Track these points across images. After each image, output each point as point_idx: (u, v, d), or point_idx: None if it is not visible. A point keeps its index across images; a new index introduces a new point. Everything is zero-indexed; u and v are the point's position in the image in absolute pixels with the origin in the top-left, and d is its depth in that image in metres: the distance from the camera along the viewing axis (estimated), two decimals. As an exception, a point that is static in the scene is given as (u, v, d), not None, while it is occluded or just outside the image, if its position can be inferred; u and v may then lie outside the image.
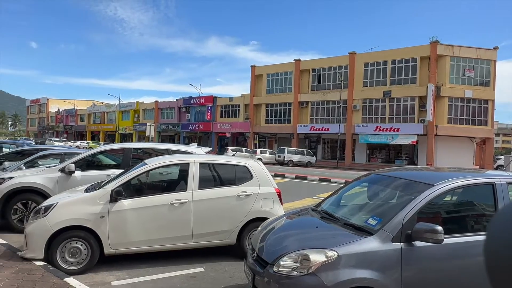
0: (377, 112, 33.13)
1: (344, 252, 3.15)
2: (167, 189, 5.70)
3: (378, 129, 32.00)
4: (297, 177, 18.81)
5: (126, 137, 58.68)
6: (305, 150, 34.42)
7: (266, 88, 41.29)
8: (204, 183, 5.53)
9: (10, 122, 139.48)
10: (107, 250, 4.89)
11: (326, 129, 35.56)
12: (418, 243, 3.22)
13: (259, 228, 4.43)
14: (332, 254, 3.13)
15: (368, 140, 32.80)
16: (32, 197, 6.75)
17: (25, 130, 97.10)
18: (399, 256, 3.19)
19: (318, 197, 11.98)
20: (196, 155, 6.62)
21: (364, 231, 3.39)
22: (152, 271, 4.99)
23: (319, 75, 37.34)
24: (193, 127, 47.43)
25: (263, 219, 5.49)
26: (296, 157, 32.46)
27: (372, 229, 3.36)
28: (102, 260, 4.97)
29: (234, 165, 5.79)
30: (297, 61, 38.76)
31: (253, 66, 42.98)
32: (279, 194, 5.88)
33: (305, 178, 18.46)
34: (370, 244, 3.22)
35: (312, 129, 36.70)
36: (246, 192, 5.58)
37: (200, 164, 5.52)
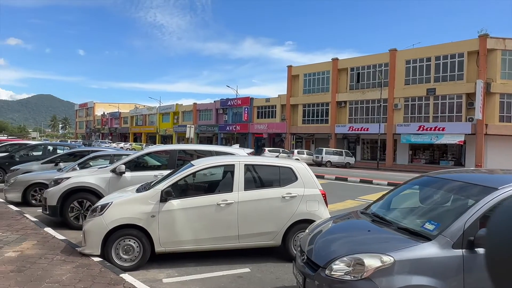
0: (420, 111, 31.72)
1: (400, 257, 3.04)
2: (213, 190, 5.81)
3: (421, 129, 30.64)
4: (337, 179, 18.47)
5: (166, 139, 60.65)
6: (343, 150, 33.73)
7: (303, 88, 40.96)
8: (249, 184, 5.58)
9: (61, 125, 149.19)
10: (158, 249, 5.07)
11: (366, 129, 34.62)
12: (481, 250, 3.04)
13: (307, 231, 4.39)
14: (387, 259, 3.03)
15: (411, 140, 31.50)
16: (87, 196, 7.16)
17: (74, 132, 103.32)
18: (460, 264, 3.03)
19: (360, 199, 11.69)
20: (241, 156, 6.71)
21: (420, 236, 3.25)
22: (200, 270, 5.11)
23: (358, 73, 36.42)
24: (230, 128, 48.07)
25: (308, 221, 5.46)
26: (335, 158, 31.89)
27: (430, 234, 3.22)
28: (153, 258, 5.16)
29: (278, 166, 5.80)
30: (335, 60, 38.10)
31: (289, 67, 42.82)
32: (324, 195, 5.80)
33: (345, 180, 18.09)
34: (428, 250, 3.08)
35: (351, 129, 35.89)
36: (291, 193, 5.56)
37: (245, 165, 5.58)
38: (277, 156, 27.72)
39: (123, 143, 55.03)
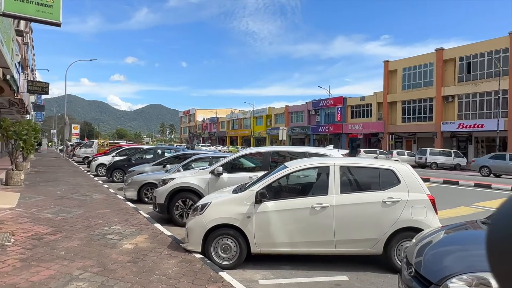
0: (553, 102, 26.48)
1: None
2: (307, 192, 5.66)
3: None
4: (445, 182, 16.53)
5: (260, 141, 62.57)
6: (452, 150, 30.05)
7: (402, 83, 37.92)
8: (345, 187, 5.29)
9: (168, 131, 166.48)
10: (254, 249, 5.13)
11: (480, 125, 30.32)
12: None
13: (413, 240, 3.93)
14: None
15: (541, 137, 26.49)
16: (189, 196, 7.71)
17: (179, 137, 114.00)
18: None
19: (476, 206, 10.21)
20: (336, 157, 6.42)
21: None
22: (296, 274, 5.01)
23: (469, 63, 32.17)
24: (323, 129, 47.18)
25: (414, 229, 4.92)
26: (441, 159, 28.64)
27: None
28: (249, 258, 5.24)
29: (378, 168, 5.36)
30: (439, 50, 34.34)
31: (386, 62, 40.13)
32: (433, 201, 5.16)
33: (455, 183, 16.06)
34: None
35: (461, 127, 31.84)
36: (393, 198, 5.08)
37: (341, 167, 5.30)
38: (375, 157, 26.11)
39: (221, 146, 58.53)
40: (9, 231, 6.20)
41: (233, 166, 8.26)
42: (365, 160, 6.01)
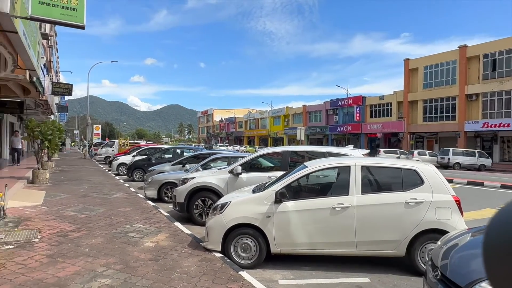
0: None
1: None
2: (327, 192, 5.59)
3: None
4: (469, 183, 16.04)
5: (277, 141, 62.44)
6: (476, 151, 29.14)
7: (423, 82, 37.04)
8: (367, 187, 5.20)
9: (186, 131, 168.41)
10: (273, 249, 5.11)
11: (506, 125, 29.28)
12: None
13: (439, 243, 3.82)
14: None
15: None
16: (208, 195, 7.76)
17: (197, 137, 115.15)
18: None
19: (503, 208, 9.84)
20: (357, 157, 6.33)
21: None
22: (316, 274, 4.96)
23: (494, 60, 31.11)
24: (341, 129, 46.65)
25: (439, 231, 4.80)
26: (465, 159, 27.81)
27: None
28: (268, 258, 5.23)
29: (400, 168, 5.24)
30: (463, 47, 33.36)
31: (406, 60, 39.30)
32: (458, 202, 5.01)
33: (480, 184, 15.57)
34: None
35: (486, 126, 30.83)
36: (416, 199, 4.96)
37: (362, 167, 5.21)
38: (397, 157, 25.60)
39: (238, 146, 58.73)
40: (36, 228, 6.41)
41: (251, 166, 8.27)
42: (387, 160, 5.89)
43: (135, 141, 51.41)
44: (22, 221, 6.90)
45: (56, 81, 29.79)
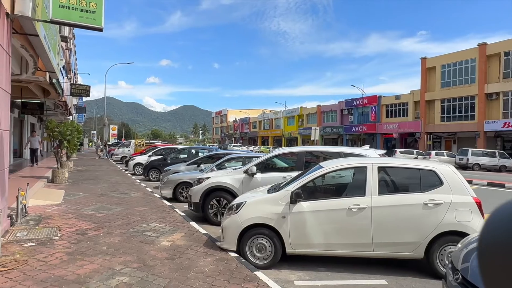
0: None
1: None
2: (343, 193, 5.54)
3: None
4: (489, 184, 15.63)
5: (291, 141, 62.23)
6: (497, 151, 28.36)
7: (441, 81, 36.30)
8: (384, 188, 5.13)
9: (201, 131, 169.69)
10: (289, 250, 5.09)
11: (528, 124, 28.39)
12: None
13: (459, 245, 3.73)
14: None
15: None
16: (223, 195, 7.79)
17: (211, 137, 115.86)
18: None
19: (525, 210, 9.55)
20: (374, 158, 6.24)
21: None
22: (331, 275, 4.92)
23: (515, 58, 30.21)
24: (356, 129, 46.14)
25: (458, 233, 4.69)
26: (485, 160, 27.10)
27: None
28: (283, 259, 5.21)
29: (418, 169, 5.14)
30: (482, 45, 32.52)
31: (423, 59, 38.59)
32: (479, 204, 4.88)
33: (501, 186, 15.14)
34: None
35: (507, 126, 29.96)
36: (435, 200, 4.86)
37: (379, 167, 5.14)
38: (415, 158, 25.15)
39: (252, 146, 58.80)
40: (56, 226, 6.57)
41: (266, 166, 8.26)
42: (405, 160, 5.79)
43: (151, 141, 52.08)
44: (42, 219, 7.08)
45: (74, 82, 30.48)
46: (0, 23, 5.31)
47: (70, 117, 32.01)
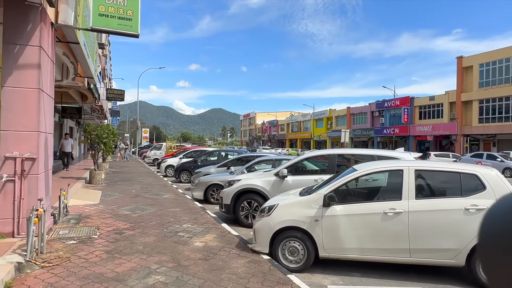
0: None
1: None
2: (377, 197, 5.41)
3: None
4: (534, 189, 14.70)
5: (320, 144, 61.51)
6: (541, 154, 26.66)
7: (479, 81, 34.64)
8: (420, 192, 4.96)
9: (229, 134, 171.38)
10: (322, 254, 5.03)
11: None
12: None
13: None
14: None
15: None
16: (254, 197, 7.82)
17: (239, 140, 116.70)
18: None
19: None
20: (410, 161, 6.05)
21: None
22: (366, 281, 4.80)
23: (562, 55, 28.33)
24: (388, 131, 44.90)
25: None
26: (528, 164, 25.52)
27: None
28: (316, 262, 5.15)
29: (459, 172, 4.93)
30: (524, 42, 30.74)
31: (459, 58, 37.01)
32: (526, 210, 4.60)
33: (547, 191, 14.20)
34: None
35: (552, 127, 28.12)
36: (477, 205, 4.63)
37: (416, 171, 4.98)
38: (455, 161, 24.14)
39: (280, 149, 58.62)
40: (94, 225, 6.85)
41: (297, 169, 8.21)
42: (444, 163, 5.58)
43: (181, 143, 53.19)
44: (82, 218, 7.40)
45: (109, 87, 31.74)
46: (45, 32, 5.63)
47: (105, 121, 33.31)
